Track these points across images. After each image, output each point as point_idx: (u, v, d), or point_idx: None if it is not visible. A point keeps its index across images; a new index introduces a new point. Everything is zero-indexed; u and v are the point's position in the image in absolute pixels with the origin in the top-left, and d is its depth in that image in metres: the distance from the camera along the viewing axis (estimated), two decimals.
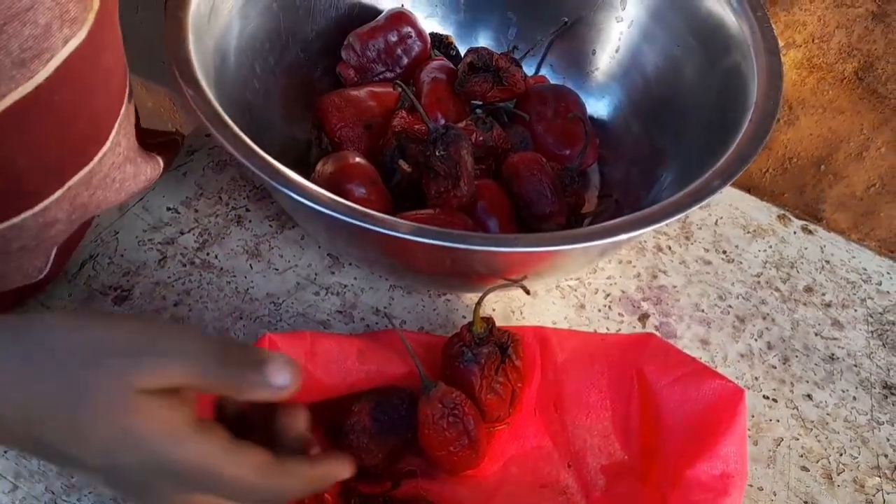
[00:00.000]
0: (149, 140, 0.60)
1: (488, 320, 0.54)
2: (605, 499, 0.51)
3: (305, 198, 0.48)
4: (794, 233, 0.72)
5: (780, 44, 0.63)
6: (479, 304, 0.53)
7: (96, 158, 0.50)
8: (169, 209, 0.67)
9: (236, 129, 0.51)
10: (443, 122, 0.67)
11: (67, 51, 0.44)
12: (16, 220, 0.48)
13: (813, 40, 0.70)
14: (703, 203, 0.52)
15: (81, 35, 0.44)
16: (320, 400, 0.52)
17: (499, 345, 0.53)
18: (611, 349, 0.53)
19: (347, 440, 0.51)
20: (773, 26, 0.62)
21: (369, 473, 0.52)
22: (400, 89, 0.65)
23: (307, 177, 0.50)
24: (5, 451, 0.53)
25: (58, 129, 0.47)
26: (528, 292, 0.54)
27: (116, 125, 0.51)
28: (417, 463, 0.54)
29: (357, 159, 0.61)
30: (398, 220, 0.48)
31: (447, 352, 0.54)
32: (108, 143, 0.51)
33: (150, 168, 0.58)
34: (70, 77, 0.45)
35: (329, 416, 0.53)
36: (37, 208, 0.48)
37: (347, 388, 0.52)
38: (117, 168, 0.53)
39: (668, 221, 0.51)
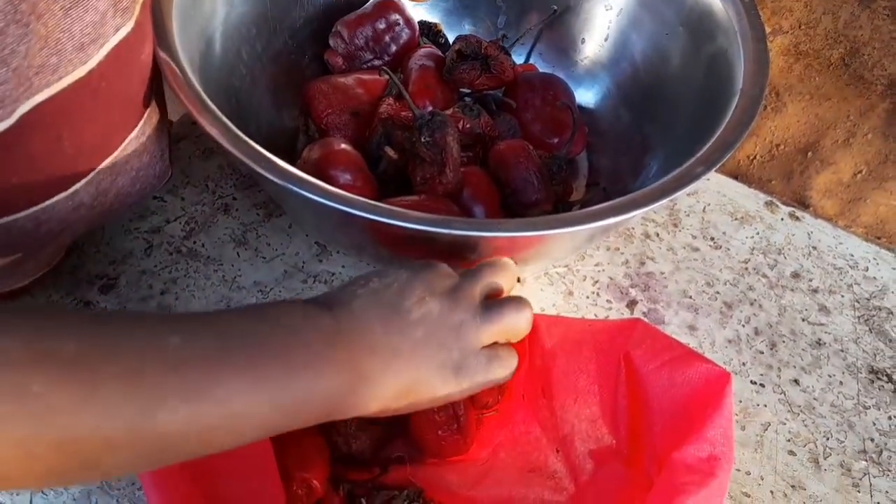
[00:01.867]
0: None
1: None
2: (592, 483, 0.52)
3: (289, 182, 0.48)
4: (782, 219, 0.72)
5: (767, 30, 0.63)
6: None
7: (122, 145, 0.51)
8: (155, 198, 0.67)
9: (220, 114, 0.51)
10: (430, 109, 0.66)
11: (117, 38, 0.46)
12: (49, 202, 0.48)
13: (800, 26, 0.70)
14: (689, 188, 0.52)
15: (130, 25, 0.47)
16: None
17: None
18: (598, 335, 0.53)
19: (335, 426, 0.51)
20: (760, 13, 0.62)
21: (356, 460, 0.52)
22: (387, 76, 0.65)
23: (294, 164, 0.50)
24: None
25: (100, 113, 0.48)
26: (518, 280, 0.54)
27: (146, 115, 0.52)
28: (405, 450, 0.54)
29: (343, 146, 0.61)
30: (382, 204, 0.48)
31: None
32: (135, 131, 0.52)
33: (161, 164, 0.59)
34: (117, 64, 0.47)
35: None
36: (69, 191, 0.49)
37: None
38: (137, 157, 0.53)
39: (652, 206, 0.51)
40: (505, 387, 0.54)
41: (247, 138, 0.50)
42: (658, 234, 0.70)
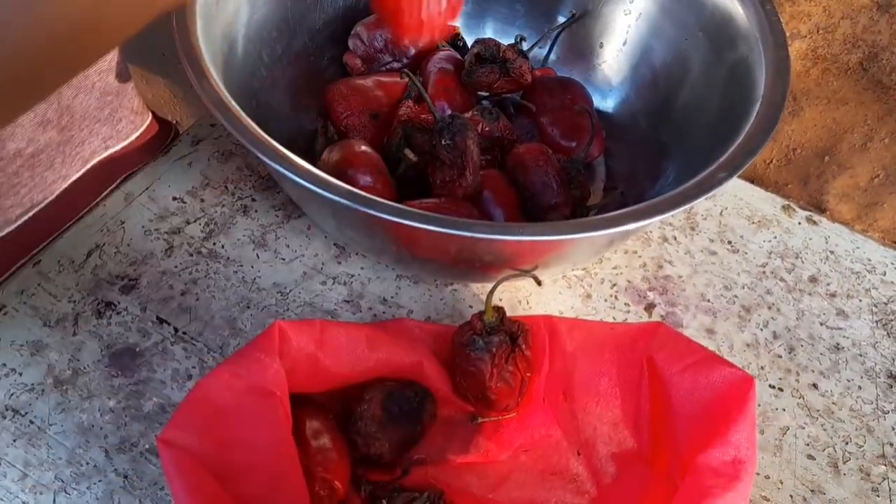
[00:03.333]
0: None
1: (499, 309, 0.54)
2: (615, 486, 0.52)
3: (310, 182, 0.48)
4: (799, 223, 0.72)
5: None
6: (491, 292, 0.53)
7: (91, 68, 0.50)
8: (175, 199, 0.67)
9: (242, 114, 0.51)
10: (449, 112, 0.67)
11: None
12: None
13: (818, 31, 0.70)
14: (710, 194, 0.52)
15: None
16: (330, 388, 0.52)
17: (509, 334, 0.53)
18: (620, 338, 0.53)
19: (356, 426, 0.52)
20: (780, 18, 0.62)
21: (376, 462, 0.53)
22: (407, 78, 0.65)
23: (313, 165, 0.50)
24: (14, 440, 0.53)
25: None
26: (539, 283, 0.54)
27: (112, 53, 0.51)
28: (426, 452, 0.54)
29: (363, 148, 0.61)
30: (403, 206, 0.48)
31: (457, 340, 0.54)
32: (103, 58, 0.50)
33: (137, 107, 0.57)
34: None
35: (340, 402, 0.53)
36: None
37: (357, 377, 0.52)
38: (97, 73, 0.52)
39: (674, 212, 0.51)
40: (525, 390, 0.54)
41: (269, 139, 0.50)
42: (675, 238, 0.70)
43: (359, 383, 0.53)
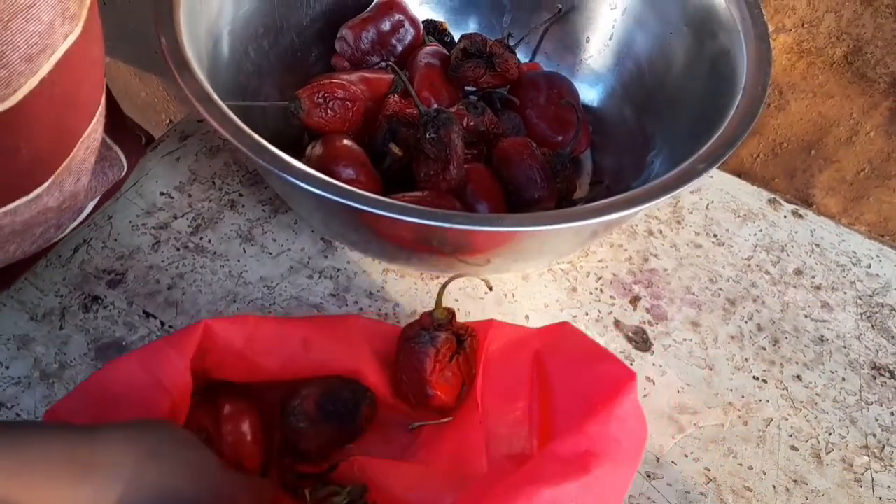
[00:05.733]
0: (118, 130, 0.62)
1: (450, 310, 0.54)
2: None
3: (295, 177, 0.48)
4: (785, 217, 0.72)
5: (770, 28, 0.63)
6: (442, 290, 0.53)
7: (77, 146, 0.51)
8: (162, 194, 0.68)
9: (228, 111, 0.52)
10: (435, 106, 0.67)
11: (66, 45, 0.45)
12: (10, 206, 0.49)
13: (803, 24, 0.70)
14: (691, 185, 0.52)
15: (78, 30, 0.46)
16: (262, 381, 0.53)
17: (456, 335, 0.53)
18: (532, 339, 0.52)
19: (287, 420, 0.51)
20: (764, 11, 0.62)
21: (305, 457, 0.52)
22: (392, 71, 0.65)
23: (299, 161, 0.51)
24: None
25: (55, 119, 0.48)
26: (490, 288, 0.54)
27: (96, 116, 0.53)
28: (357, 452, 0.53)
29: (345, 141, 0.61)
30: (384, 198, 0.48)
31: (405, 334, 0.54)
32: (87, 131, 0.52)
33: (112, 156, 0.59)
34: (68, 70, 0.46)
35: (280, 393, 0.53)
36: (31, 195, 0.50)
37: (291, 374, 0.52)
38: (92, 153, 0.54)
39: (654, 203, 0.51)
40: (465, 394, 0.54)
41: (254, 134, 0.51)
42: (661, 231, 0.70)
43: (296, 379, 0.53)
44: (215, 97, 0.52)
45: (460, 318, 0.58)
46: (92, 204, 0.62)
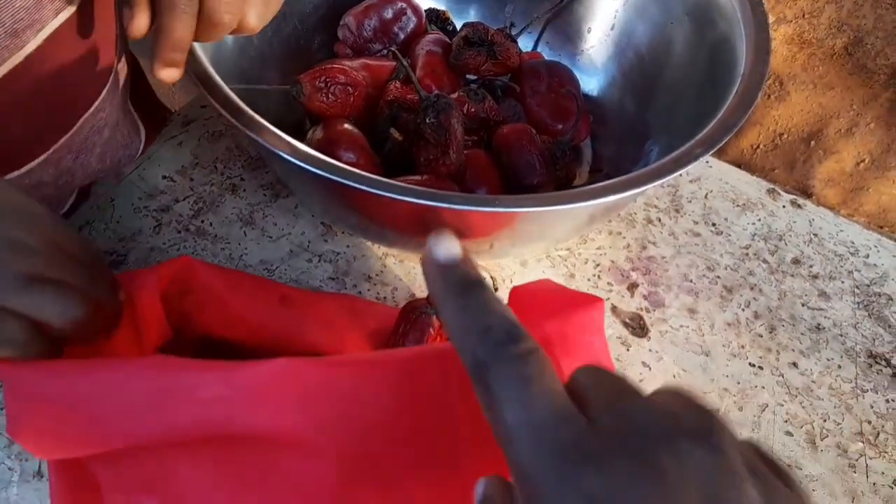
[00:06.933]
0: (139, 109, 0.62)
1: None
2: None
3: (291, 155, 0.49)
4: (783, 207, 0.72)
5: (771, 19, 0.63)
6: None
7: (78, 123, 0.51)
8: (164, 177, 0.68)
9: (231, 94, 0.52)
10: (436, 92, 0.67)
11: (57, 22, 0.45)
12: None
13: (803, 15, 0.70)
14: (687, 169, 0.52)
15: (72, 8, 0.46)
16: (242, 337, 0.53)
17: None
18: (514, 297, 0.52)
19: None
20: (764, 2, 0.62)
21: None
22: (394, 57, 0.66)
23: None
24: (1, 409, 0.54)
25: (46, 96, 0.48)
26: (495, 288, 0.55)
27: (102, 95, 0.53)
28: None
29: (346, 126, 0.62)
30: (383, 179, 0.49)
31: (407, 308, 0.55)
32: (91, 110, 0.52)
33: (131, 136, 0.59)
34: (59, 48, 0.46)
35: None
36: (23, 170, 0.50)
37: (271, 331, 0.52)
38: (97, 132, 0.54)
39: (651, 185, 0.51)
40: None
41: (256, 115, 0.51)
42: (660, 220, 0.71)
43: (279, 346, 0.53)
44: (218, 79, 0.52)
45: None
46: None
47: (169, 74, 0.45)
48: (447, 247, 0.31)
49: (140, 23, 0.42)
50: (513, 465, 0.25)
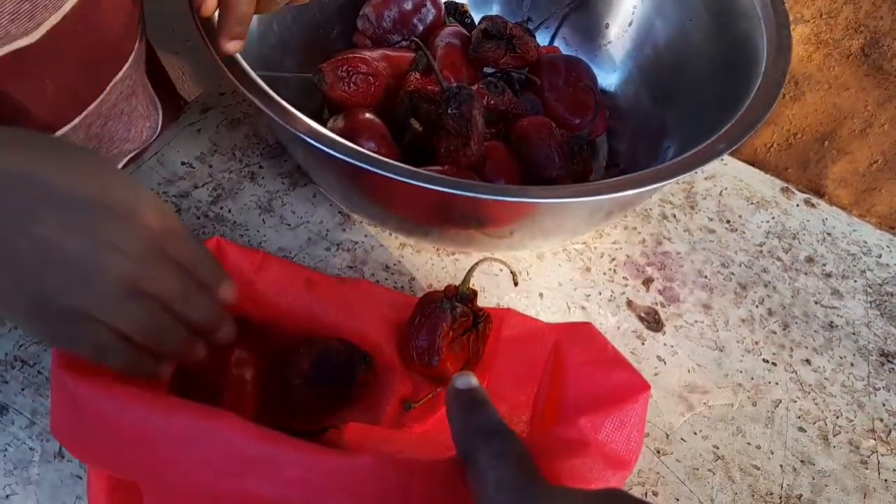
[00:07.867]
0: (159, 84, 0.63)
1: (474, 291, 0.55)
2: None
3: (318, 140, 0.49)
4: (797, 205, 0.73)
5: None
6: (472, 269, 0.54)
7: (108, 87, 0.52)
8: (183, 164, 0.68)
9: (254, 74, 0.52)
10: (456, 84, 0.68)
11: None
12: None
13: (821, 16, 0.71)
14: (708, 165, 0.53)
15: None
16: (268, 317, 0.53)
17: (474, 314, 0.54)
18: (551, 332, 0.53)
19: (285, 375, 0.52)
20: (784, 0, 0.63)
21: (297, 413, 0.53)
22: (417, 47, 0.66)
23: None
24: (23, 389, 0.55)
25: (82, 56, 0.49)
26: (516, 283, 0.55)
27: (131, 58, 0.53)
28: (350, 416, 0.53)
29: (367, 115, 0.62)
30: (410, 167, 0.49)
31: (425, 300, 0.55)
32: (119, 74, 0.53)
33: (150, 109, 0.60)
34: (94, 7, 0.47)
35: (284, 349, 0.54)
36: (58, 133, 0.50)
37: (296, 312, 0.53)
38: (125, 99, 0.55)
39: (671, 181, 0.52)
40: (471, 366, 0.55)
41: (283, 101, 0.51)
42: (675, 216, 0.71)
43: (302, 327, 0.53)
44: (246, 66, 0.53)
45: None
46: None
47: (234, 46, 0.49)
48: (466, 380, 0.38)
49: (211, 1, 0.47)
50: None
